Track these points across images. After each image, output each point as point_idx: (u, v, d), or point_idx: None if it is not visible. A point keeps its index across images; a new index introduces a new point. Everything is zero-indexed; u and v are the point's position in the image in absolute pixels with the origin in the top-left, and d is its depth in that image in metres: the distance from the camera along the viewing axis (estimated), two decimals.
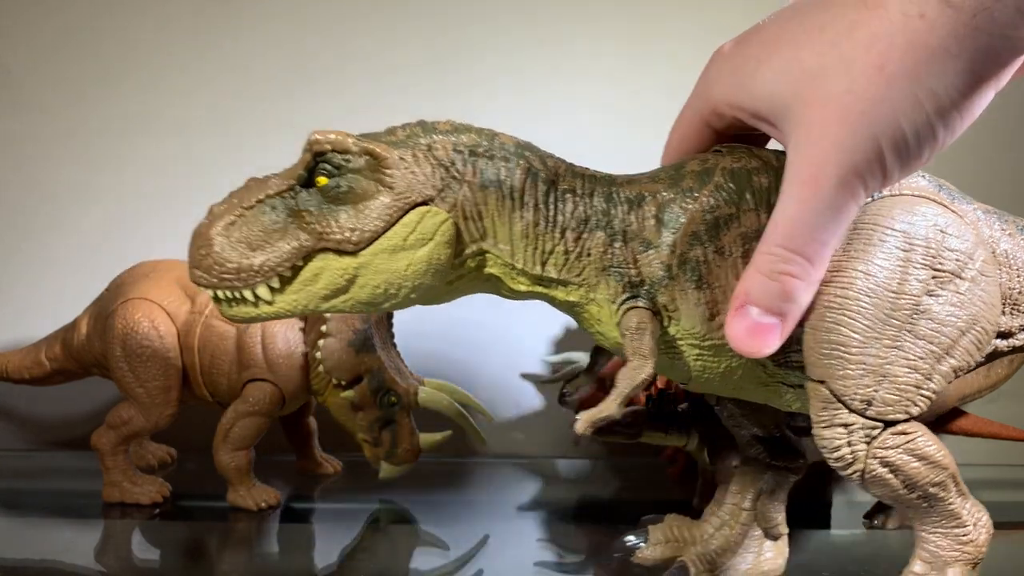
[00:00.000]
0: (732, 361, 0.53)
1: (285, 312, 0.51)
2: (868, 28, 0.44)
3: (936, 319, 0.50)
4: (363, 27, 1.09)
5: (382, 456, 0.83)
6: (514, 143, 0.53)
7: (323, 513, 0.85)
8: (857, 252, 0.51)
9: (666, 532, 0.64)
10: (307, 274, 0.51)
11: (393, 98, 1.08)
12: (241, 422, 0.81)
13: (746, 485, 0.62)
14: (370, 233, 0.50)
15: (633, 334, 0.51)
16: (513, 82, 1.10)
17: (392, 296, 0.51)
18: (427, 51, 1.10)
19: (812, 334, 0.50)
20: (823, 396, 0.51)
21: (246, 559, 0.71)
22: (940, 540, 0.52)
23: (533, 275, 0.53)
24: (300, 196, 0.51)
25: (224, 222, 0.51)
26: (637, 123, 1.09)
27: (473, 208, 0.52)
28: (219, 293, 0.51)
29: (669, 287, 0.52)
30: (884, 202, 0.52)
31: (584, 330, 0.57)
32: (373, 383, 0.81)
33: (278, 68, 1.08)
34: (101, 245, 1.05)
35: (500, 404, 0.98)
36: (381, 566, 0.69)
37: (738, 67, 0.50)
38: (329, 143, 0.51)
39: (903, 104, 0.44)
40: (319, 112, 1.07)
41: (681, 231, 0.52)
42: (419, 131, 0.53)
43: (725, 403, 0.63)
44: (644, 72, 1.11)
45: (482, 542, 0.75)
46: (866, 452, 0.50)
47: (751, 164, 0.53)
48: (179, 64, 1.07)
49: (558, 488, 0.97)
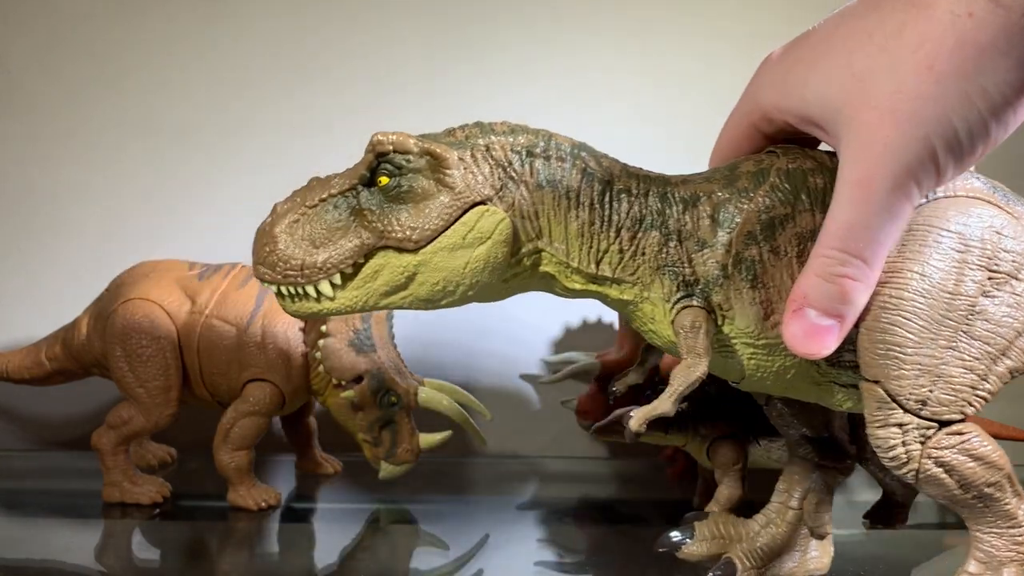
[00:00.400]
0: (786, 360, 0.54)
1: (346, 308, 0.53)
2: (916, 28, 0.44)
3: (992, 320, 0.51)
4: (364, 26, 1.09)
5: (382, 456, 0.83)
6: (570, 143, 0.54)
7: (323, 513, 0.85)
8: (912, 253, 0.51)
9: (711, 528, 0.64)
10: (368, 271, 0.52)
11: (392, 99, 1.08)
12: (241, 422, 0.81)
13: (793, 484, 0.63)
14: (430, 231, 0.51)
15: (688, 332, 0.52)
16: (516, 81, 1.10)
17: (450, 293, 0.53)
18: (427, 50, 1.10)
19: (867, 335, 0.51)
20: (878, 396, 0.51)
21: (246, 559, 0.71)
22: (995, 540, 0.52)
23: (588, 273, 0.54)
24: (362, 195, 0.53)
25: (288, 220, 0.52)
26: (639, 124, 1.09)
27: (530, 207, 0.53)
28: (282, 289, 0.52)
29: (724, 286, 0.53)
30: (939, 203, 0.52)
31: (636, 328, 0.57)
32: (373, 383, 0.81)
33: (278, 68, 1.08)
34: (101, 245, 1.05)
35: (500, 404, 0.98)
36: (381, 566, 0.69)
37: (788, 72, 0.51)
38: (391, 144, 0.52)
39: (954, 102, 0.44)
40: (320, 112, 1.08)
41: (736, 231, 0.52)
42: (477, 132, 0.54)
43: (774, 402, 0.63)
44: (645, 71, 1.11)
45: (482, 542, 0.75)
46: (920, 452, 0.50)
47: (806, 165, 0.53)
48: (179, 64, 1.07)
49: (558, 488, 0.97)
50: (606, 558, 0.73)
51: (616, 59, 1.11)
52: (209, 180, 1.06)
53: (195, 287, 0.85)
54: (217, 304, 0.83)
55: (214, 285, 0.85)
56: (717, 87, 1.11)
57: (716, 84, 1.11)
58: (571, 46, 1.11)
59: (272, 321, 0.83)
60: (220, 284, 0.85)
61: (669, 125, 1.10)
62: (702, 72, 1.11)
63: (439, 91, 1.09)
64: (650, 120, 1.10)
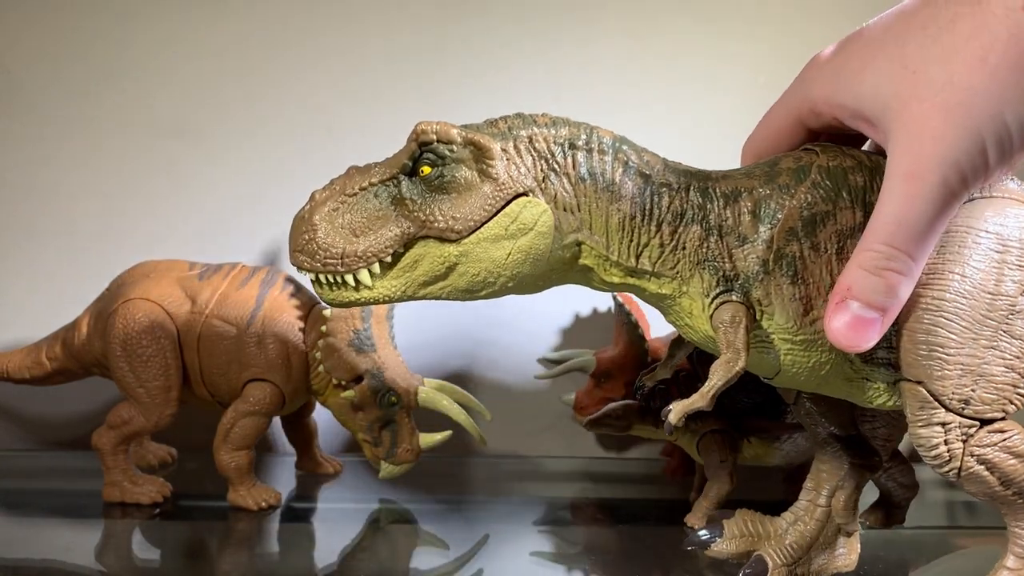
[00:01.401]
0: (822, 356, 0.54)
1: (384, 297, 0.53)
2: (970, 21, 0.44)
3: None
4: (364, 26, 1.09)
5: (382, 456, 0.83)
6: (611, 137, 0.54)
7: (323, 513, 0.85)
8: (952, 255, 0.51)
9: (740, 526, 0.64)
10: (407, 260, 0.52)
11: (392, 99, 1.08)
12: (241, 422, 0.81)
13: (821, 482, 0.63)
14: (473, 222, 0.51)
15: (728, 327, 0.52)
16: (517, 79, 1.10)
17: (490, 284, 0.53)
18: (427, 49, 1.10)
19: (909, 336, 0.51)
20: (921, 396, 0.51)
21: (246, 559, 0.71)
22: None
23: (627, 267, 0.54)
24: (403, 184, 0.52)
25: (327, 208, 0.52)
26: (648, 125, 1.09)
27: (571, 200, 0.53)
28: (321, 277, 0.52)
29: (764, 282, 0.53)
30: (975, 205, 0.53)
31: (672, 323, 0.57)
32: (373, 383, 0.81)
33: (279, 68, 1.08)
34: (101, 245, 1.05)
35: (500, 404, 0.98)
36: (381, 566, 0.69)
37: (840, 67, 0.51)
38: (435, 133, 0.52)
39: (1007, 95, 0.44)
40: (320, 112, 1.08)
41: (778, 227, 0.53)
42: (519, 123, 0.54)
43: (802, 400, 0.63)
44: (646, 71, 1.11)
45: (482, 542, 0.75)
46: (963, 450, 0.51)
47: (846, 163, 0.54)
48: (180, 64, 1.07)
49: (558, 487, 0.97)
50: (606, 557, 0.73)
51: (625, 58, 1.11)
52: (209, 180, 1.06)
53: (195, 287, 0.85)
54: (217, 304, 0.83)
55: (214, 285, 0.85)
56: (728, 89, 1.11)
57: (727, 86, 1.11)
58: (576, 43, 1.11)
59: (272, 321, 0.83)
60: (220, 284, 0.85)
61: (680, 126, 1.10)
62: (712, 74, 1.11)
63: (439, 90, 1.09)
64: (660, 121, 1.10)
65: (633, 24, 1.11)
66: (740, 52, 1.11)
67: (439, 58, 1.10)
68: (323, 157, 1.06)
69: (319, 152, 1.06)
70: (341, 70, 1.09)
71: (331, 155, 1.05)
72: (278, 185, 1.06)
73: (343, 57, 1.09)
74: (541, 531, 0.80)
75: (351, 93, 1.08)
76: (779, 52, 1.10)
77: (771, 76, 1.10)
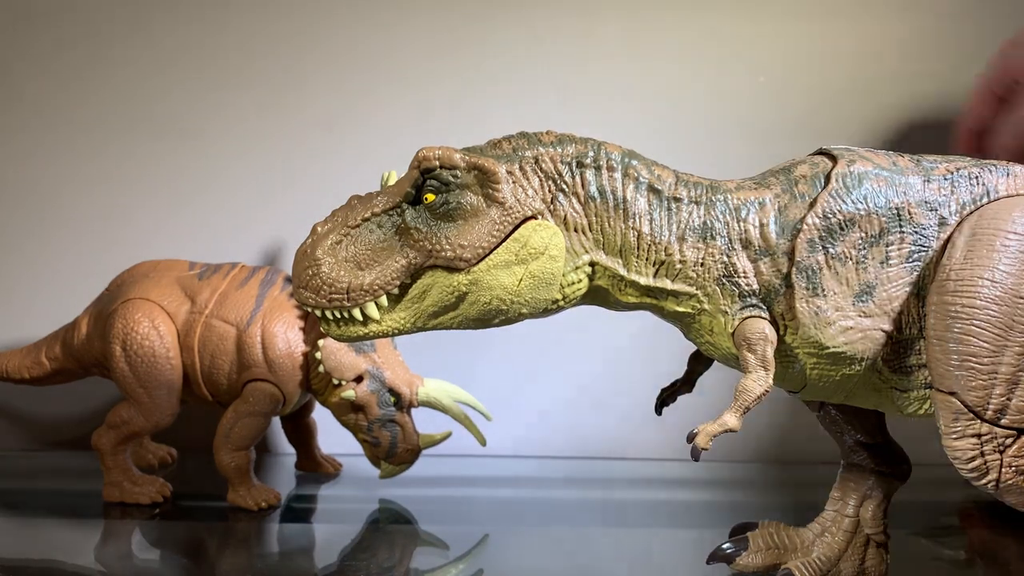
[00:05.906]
0: (849, 369, 0.52)
1: (393, 331, 0.51)
2: None
3: None
4: (365, 27, 1.09)
5: (382, 456, 0.83)
6: (619, 152, 0.53)
7: (323, 513, 0.85)
8: (980, 259, 0.50)
9: (765, 539, 0.62)
10: (415, 291, 0.50)
11: (392, 99, 1.08)
12: (241, 422, 0.81)
13: (848, 491, 0.61)
14: (481, 249, 0.50)
15: (751, 344, 0.50)
16: (517, 83, 1.10)
17: (503, 312, 0.51)
18: (428, 50, 1.10)
19: (940, 345, 0.50)
20: (954, 407, 0.50)
21: (246, 559, 0.71)
22: None
23: (643, 286, 0.52)
24: (407, 213, 0.51)
25: (330, 241, 0.50)
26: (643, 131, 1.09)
27: (582, 220, 0.51)
28: (327, 314, 0.50)
29: (786, 295, 0.51)
30: (1001, 204, 0.52)
31: (692, 340, 0.56)
32: (373, 383, 0.81)
33: (280, 68, 1.08)
34: (101, 245, 1.05)
35: (500, 404, 0.97)
36: (381, 566, 0.69)
37: None
38: (437, 159, 0.50)
39: None
40: (320, 112, 1.07)
41: (798, 238, 0.51)
42: (524, 143, 0.52)
43: (828, 409, 0.62)
44: (647, 71, 1.11)
45: (482, 542, 0.75)
46: (1000, 461, 0.49)
47: (865, 167, 0.53)
48: (180, 64, 1.07)
49: (558, 488, 0.97)
50: (606, 558, 0.73)
51: (620, 64, 1.11)
52: (209, 180, 1.06)
53: (195, 287, 0.85)
54: (217, 304, 0.83)
55: (214, 285, 0.85)
56: (720, 96, 1.11)
57: (719, 93, 1.11)
58: (576, 43, 1.10)
59: (272, 321, 0.83)
60: (220, 284, 0.85)
61: (673, 132, 1.10)
62: (712, 75, 1.11)
63: (440, 91, 1.09)
64: (654, 128, 1.10)
65: (633, 24, 1.11)
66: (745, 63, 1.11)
67: (439, 58, 1.09)
68: (323, 157, 1.06)
69: (319, 152, 1.06)
70: (341, 70, 1.08)
71: (331, 155, 1.05)
72: (278, 185, 1.06)
73: (344, 57, 1.08)
74: (541, 531, 0.80)
75: (351, 93, 1.08)
76: (779, 52, 1.10)
77: (771, 76, 1.10)
